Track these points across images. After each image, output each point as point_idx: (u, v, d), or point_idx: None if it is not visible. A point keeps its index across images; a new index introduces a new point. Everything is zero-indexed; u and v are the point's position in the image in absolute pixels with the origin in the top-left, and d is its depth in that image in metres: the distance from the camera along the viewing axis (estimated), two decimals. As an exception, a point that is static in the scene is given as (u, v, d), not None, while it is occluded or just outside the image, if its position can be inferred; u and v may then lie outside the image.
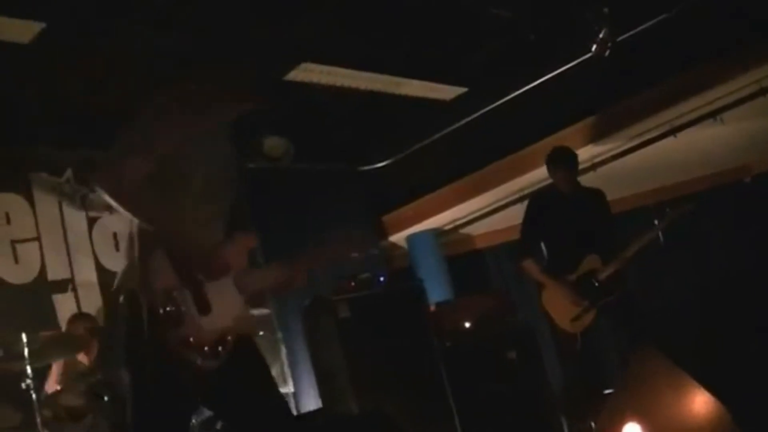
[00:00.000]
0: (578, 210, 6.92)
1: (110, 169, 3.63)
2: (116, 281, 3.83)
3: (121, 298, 3.66)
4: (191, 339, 3.40)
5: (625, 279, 6.86)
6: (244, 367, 3.67)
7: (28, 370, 5.93)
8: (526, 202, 7.72)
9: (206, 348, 3.44)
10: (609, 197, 7.17)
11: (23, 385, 5.94)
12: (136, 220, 3.57)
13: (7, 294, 7.40)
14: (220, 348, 3.48)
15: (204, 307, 3.43)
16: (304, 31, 6.94)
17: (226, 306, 3.53)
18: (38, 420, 5.86)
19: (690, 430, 4.16)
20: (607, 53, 7.29)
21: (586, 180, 7.42)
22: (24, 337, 5.94)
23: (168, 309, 3.36)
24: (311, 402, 8.72)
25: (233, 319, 3.56)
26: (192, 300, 3.42)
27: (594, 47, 7.31)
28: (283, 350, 9.03)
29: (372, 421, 6.16)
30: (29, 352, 5.96)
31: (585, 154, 8.75)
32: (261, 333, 7.58)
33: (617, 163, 9.12)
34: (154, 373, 3.50)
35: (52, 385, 6.83)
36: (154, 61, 6.82)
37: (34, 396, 5.90)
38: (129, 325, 3.62)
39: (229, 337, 3.52)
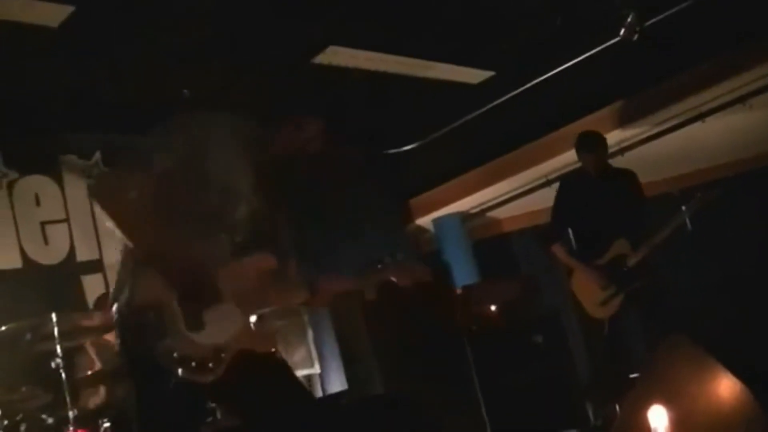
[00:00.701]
0: (608, 194, 6.90)
1: (109, 187, 3.65)
2: (110, 295, 3.83)
3: (114, 309, 3.67)
4: (175, 353, 3.41)
5: (654, 265, 6.84)
6: (253, 380, 3.67)
7: (58, 349, 5.97)
8: (553, 186, 7.72)
9: (193, 363, 3.44)
10: (636, 182, 7.15)
11: (53, 365, 5.99)
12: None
13: (36, 274, 7.46)
14: (210, 364, 3.47)
15: (194, 325, 3.43)
16: (331, 14, 6.95)
17: (223, 324, 3.51)
18: (68, 399, 5.90)
19: (716, 415, 4.15)
20: (635, 38, 7.26)
21: (613, 164, 7.39)
22: (54, 316, 5.99)
23: (152, 322, 3.38)
24: (337, 383, 8.77)
25: (231, 337, 3.55)
26: (182, 316, 3.43)
27: (622, 32, 7.29)
28: (310, 332, 9.07)
29: (396, 404, 6.19)
30: (59, 332, 6.00)
31: (612, 138, 8.72)
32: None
33: (644, 148, 9.09)
34: (149, 382, 3.55)
35: (89, 366, 6.90)
36: (182, 47, 6.87)
37: (63, 375, 5.94)
38: (123, 336, 3.65)
39: (223, 354, 3.50)
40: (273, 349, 3.96)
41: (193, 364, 3.43)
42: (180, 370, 3.41)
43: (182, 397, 3.58)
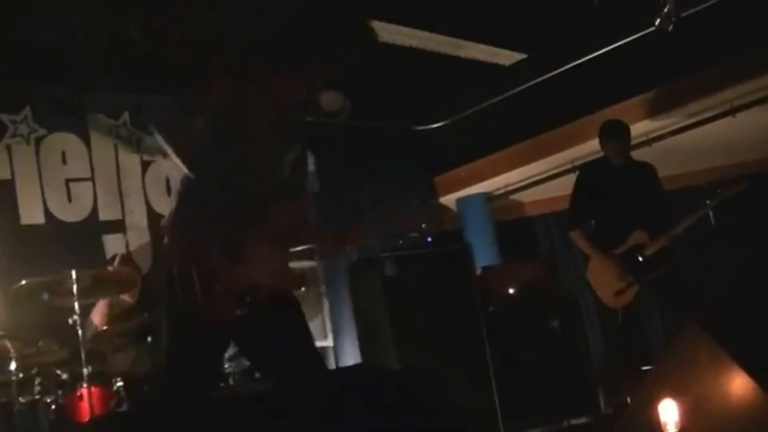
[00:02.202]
0: (629, 184, 6.89)
1: (168, 115, 3.70)
2: (163, 221, 3.90)
3: (165, 239, 3.75)
4: (217, 286, 3.52)
5: (673, 256, 6.82)
6: (279, 319, 3.73)
7: (76, 306, 6.01)
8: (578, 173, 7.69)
9: (233, 297, 3.50)
10: (662, 173, 7.11)
11: (70, 321, 6.03)
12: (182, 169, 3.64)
13: (58, 231, 7.50)
14: (248, 298, 3.53)
15: (234, 258, 3.49)
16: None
17: (262, 261, 3.58)
18: (83, 356, 5.95)
19: (727, 412, 4.14)
20: (670, 28, 7.21)
21: (640, 155, 7.36)
22: (74, 273, 6.02)
23: (197, 255, 3.43)
24: (350, 357, 8.78)
25: (269, 275, 3.60)
26: (224, 250, 3.48)
27: (657, 21, 7.23)
28: (326, 304, 9.08)
29: (413, 377, 6.19)
30: (77, 290, 6.04)
31: (641, 128, 8.68)
32: (303, 289, 7.61)
33: (673, 140, 9.03)
34: (185, 309, 3.59)
35: (97, 320, 6.95)
36: (214, 10, 6.85)
37: (80, 332, 5.98)
38: (168, 263, 3.71)
39: (262, 290, 3.59)
40: (303, 288, 4.06)
41: (232, 298, 3.55)
42: (224, 304, 3.52)
43: (204, 350, 3.64)
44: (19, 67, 7.21)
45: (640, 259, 6.71)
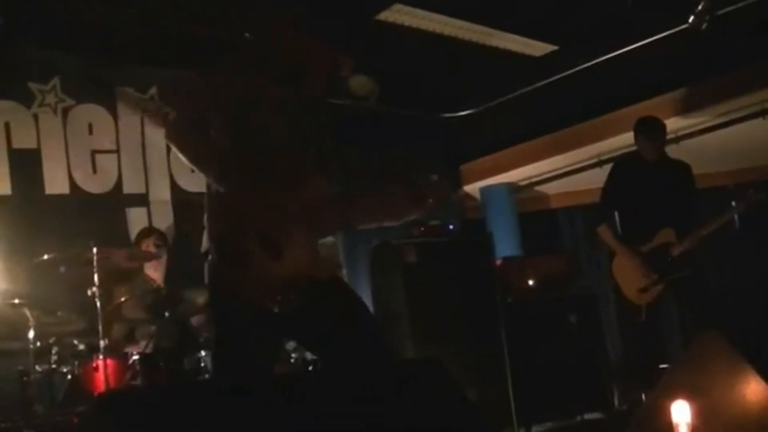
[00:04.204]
0: (661, 181, 6.86)
1: (178, 122, 3.68)
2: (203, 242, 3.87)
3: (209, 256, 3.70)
4: (261, 285, 3.48)
5: (698, 257, 6.80)
6: (332, 306, 3.70)
7: (96, 278, 6.05)
8: (604, 168, 7.67)
9: (278, 295, 3.49)
10: (689, 172, 7.08)
11: (89, 293, 6.07)
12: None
13: (82, 202, 7.54)
14: (293, 295, 3.52)
15: (275, 253, 3.46)
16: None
17: (298, 252, 3.55)
18: (100, 328, 5.99)
19: (739, 416, 4.13)
20: (704, 26, 7.17)
21: (668, 152, 7.32)
22: (94, 248, 6.06)
23: (238, 254, 3.41)
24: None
25: (306, 265, 3.58)
26: (263, 246, 3.45)
27: (691, 18, 7.20)
28: (347, 288, 9.09)
29: (427, 368, 6.19)
30: (98, 261, 6.08)
31: (671, 126, 8.59)
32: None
33: (701, 139, 8.98)
34: (231, 313, 3.60)
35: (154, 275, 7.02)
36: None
37: (98, 304, 6.02)
38: (213, 280, 3.69)
39: (300, 282, 3.55)
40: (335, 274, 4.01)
41: (278, 297, 3.51)
42: (269, 303, 3.49)
43: (261, 335, 3.63)
44: (49, 37, 7.24)
45: (667, 258, 6.69)
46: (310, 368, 6.76)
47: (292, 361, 6.65)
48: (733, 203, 6.56)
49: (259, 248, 3.46)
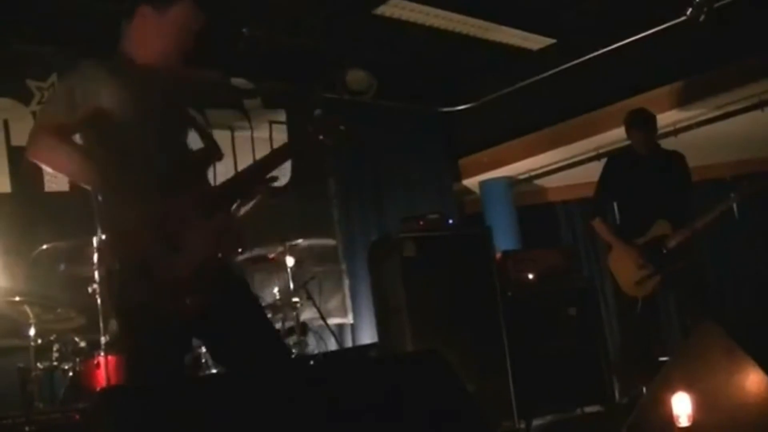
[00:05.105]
0: (654, 174, 6.87)
1: (33, 138, 3.64)
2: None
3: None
4: (169, 280, 3.41)
5: (695, 249, 6.81)
6: (231, 306, 3.66)
7: (96, 275, 6.04)
8: (603, 161, 7.66)
9: (188, 286, 3.43)
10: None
11: (90, 290, 6.07)
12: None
13: (81, 199, 7.49)
14: (201, 283, 3.46)
15: (173, 246, 3.42)
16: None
17: (197, 239, 3.49)
18: (101, 325, 5.98)
19: (739, 407, 4.13)
20: (702, 18, 7.17)
21: (666, 144, 7.33)
22: (95, 241, 6.05)
23: (139, 260, 3.38)
24: (368, 336, 8.80)
25: (208, 251, 3.53)
26: (160, 243, 3.41)
27: (689, 11, 7.20)
28: (346, 282, 9.11)
29: (425, 360, 6.19)
30: (99, 257, 6.07)
31: (669, 118, 8.66)
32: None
33: (700, 131, 8.99)
34: (142, 323, 3.51)
35: None
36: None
37: (99, 301, 6.02)
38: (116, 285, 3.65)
39: (209, 271, 3.50)
40: (241, 250, 3.93)
41: (188, 287, 3.44)
42: (184, 297, 3.42)
43: (174, 339, 3.58)
44: (47, 34, 7.24)
45: (663, 250, 6.69)
46: (311, 363, 6.77)
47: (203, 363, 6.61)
48: (732, 195, 6.56)
49: (159, 246, 3.40)
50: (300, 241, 7.43)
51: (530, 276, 8.03)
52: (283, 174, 7.08)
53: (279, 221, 7.38)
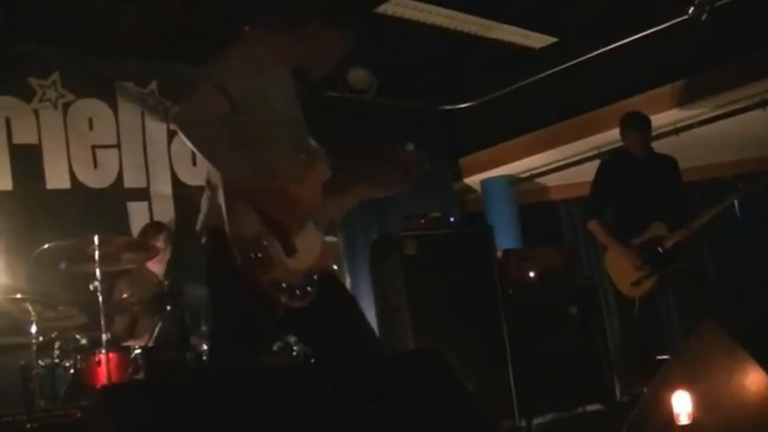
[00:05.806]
0: (649, 175, 6.89)
1: (191, 113, 3.66)
2: (198, 224, 3.85)
3: (204, 239, 3.73)
4: (283, 282, 3.49)
5: (692, 249, 6.82)
6: (331, 300, 3.74)
7: (98, 273, 6.05)
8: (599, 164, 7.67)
9: (297, 290, 3.53)
10: (689, 164, 7.10)
11: (91, 287, 6.07)
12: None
13: (83, 197, 7.54)
14: (309, 288, 3.58)
15: (291, 250, 3.47)
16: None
17: (309, 244, 3.59)
18: (102, 322, 5.99)
19: (739, 406, 4.13)
20: (703, 17, 7.17)
21: (668, 144, 7.34)
22: (96, 239, 6.05)
23: (258, 255, 3.41)
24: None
25: (316, 257, 3.61)
26: (279, 244, 3.46)
27: (691, 9, 7.19)
28: (348, 281, 9.11)
29: (426, 359, 6.19)
30: (100, 256, 6.07)
31: (669, 117, 8.65)
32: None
33: (701, 130, 8.98)
34: (237, 308, 3.62)
35: (124, 293, 6.98)
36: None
37: (100, 299, 6.02)
38: (213, 262, 3.69)
39: (315, 276, 3.62)
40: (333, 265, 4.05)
41: (297, 291, 3.54)
42: (287, 298, 3.52)
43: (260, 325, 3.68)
44: (48, 32, 7.24)
45: (659, 250, 6.70)
46: (312, 360, 6.77)
47: (294, 353, 6.65)
48: (732, 194, 6.56)
49: (276, 247, 3.47)
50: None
51: (531, 275, 8.03)
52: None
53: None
